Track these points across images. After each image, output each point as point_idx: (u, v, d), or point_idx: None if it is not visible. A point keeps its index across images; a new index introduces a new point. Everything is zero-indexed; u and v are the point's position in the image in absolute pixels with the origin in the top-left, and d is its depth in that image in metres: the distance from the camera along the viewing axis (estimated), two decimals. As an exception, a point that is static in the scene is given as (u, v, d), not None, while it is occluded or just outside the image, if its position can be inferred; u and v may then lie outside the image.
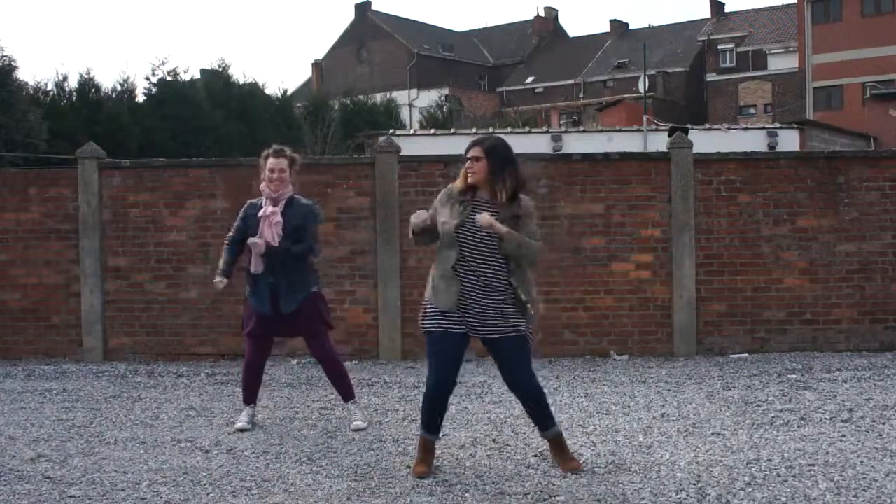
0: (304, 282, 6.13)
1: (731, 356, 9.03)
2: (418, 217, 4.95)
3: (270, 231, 6.04)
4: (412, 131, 27.78)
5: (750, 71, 53.45)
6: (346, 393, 6.33)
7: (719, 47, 56.04)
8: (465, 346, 5.00)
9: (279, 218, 6.05)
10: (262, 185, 6.15)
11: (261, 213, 6.09)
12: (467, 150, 4.93)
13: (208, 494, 4.74)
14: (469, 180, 4.89)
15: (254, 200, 6.31)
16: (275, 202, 6.10)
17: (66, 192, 9.55)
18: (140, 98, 30.10)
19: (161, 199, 9.49)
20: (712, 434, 5.82)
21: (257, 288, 6.11)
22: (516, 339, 4.92)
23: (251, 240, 6.04)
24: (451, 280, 4.86)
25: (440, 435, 5.20)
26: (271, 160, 6.11)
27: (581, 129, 26.70)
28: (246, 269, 6.21)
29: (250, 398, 6.34)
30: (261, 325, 6.17)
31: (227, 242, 6.38)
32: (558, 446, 5.09)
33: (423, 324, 5.01)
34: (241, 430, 6.12)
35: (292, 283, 6.07)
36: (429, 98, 54.45)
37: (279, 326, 6.18)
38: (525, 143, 18.04)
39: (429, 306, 4.98)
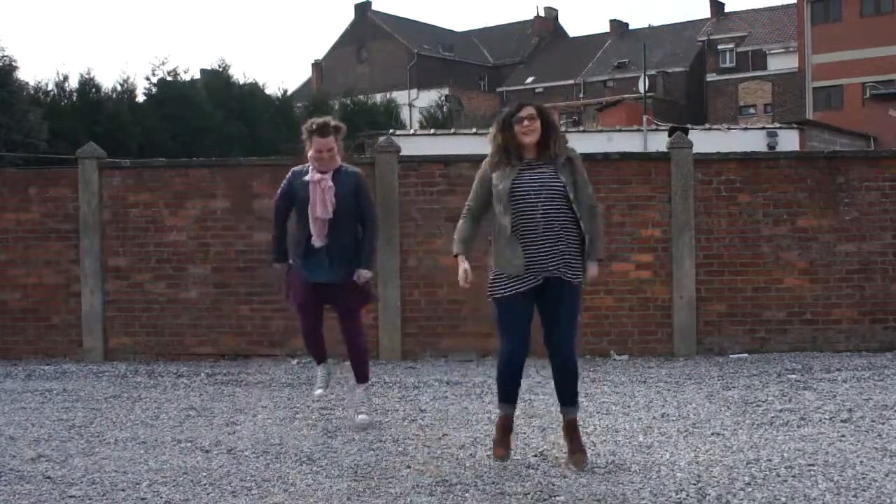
0: (353, 253, 6.10)
1: (731, 356, 9.03)
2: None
3: (323, 200, 5.91)
4: (412, 131, 27.80)
5: (750, 71, 53.45)
6: (363, 374, 6.28)
7: (719, 47, 56.04)
8: (532, 311, 5.01)
9: (330, 183, 5.93)
10: (311, 159, 5.99)
11: (308, 178, 5.95)
12: (518, 110, 4.95)
13: (208, 494, 4.75)
14: (526, 140, 4.92)
15: (296, 168, 6.19)
16: (323, 171, 5.99)
17: (66, 192, 9.55)
18: (140, 98, 30.12)
19: (161, 199, 9.50)
20: (712, 434, 5.82)
21: (311, 257, 6.01)
22: (576, 288, 4.99)
23: (362, 274, 5.99)
24: (515, 244, 4.91)
25: (516, 408, 5.18)
26: (318, 140, 5.90)
27: (581, 129, 26.70)
28: (298, 240, 6.10)
29: (320, 358, 6.38)
30: (310, 295, 6.10)
31: (275, 212, 6.20)
32: (572, 430, 5.13)
33: (492, 292, 5.04)
34: (319, 399, 6.13)
35: (343, 255, 6.02)
36: (429, 98, 54.47)
37: (326, 294, 6.11)
38: (525, 143, 18.03)
39: (496, 274, 5.00)
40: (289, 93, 38.47)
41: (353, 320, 6.22)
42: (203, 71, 34.92)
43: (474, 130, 21.72)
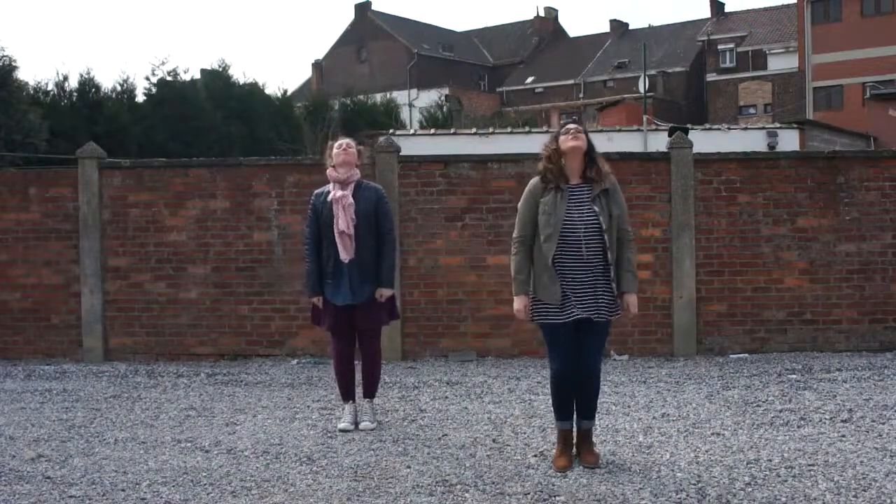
0: (375, 272, 6.14)
1: (731, 356, 9.03)
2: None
3: (345, 216, 6.02)
4: (412, 131, 27.76)
5: (750, 71, 53.43)
6: (371, 390, 6.34)
7: (719, 47, 56.02)
8: (577, 331, 5.07)
9: (351, 200, 6.05)
10: (329, 171, 6.16)
11: (331, 197, 6.08)
12: (565, 127, 5.19)
13: (208, 494, 4.75)
14: (573, 143, 5.07)
15: (318, 190, 6.30)
16: (343, 186, 6.10)
17: (66, 192, 9.55)
18: (140, 98, 30.03)
19: (161, 199, 9.50)
20: (712, 434, 5.83)
21: (335, 279, 6.07)
22: (605, 324, 5.10)
23: (382, 293, 6.07)
24: (554, 274, 5.01)
25: (573, 422, 5.21)
26: (340, 140, 6.20)
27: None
28: (326, 258, 6.14)
29: (348, 395, 6.30)
30: (341, 317, 6.14)
31: (306, 244, 6.29)
32: (586, 438, 5.19)
33: (534, 318, 5.14)
34: (344, 431, 6.07)
35: (365, 275, 6.07)
36: (429, 98, 54.35)
37: (354, 315, 6.15)
38: (525, 144, 18.06)
39: (536, 300, 5.10)
40: (289, 93, 38.36)
41: (373, 340, 6.28)
42: (203, 71, 34.78)
43: (474, 130, 21.71)
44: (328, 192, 6.15)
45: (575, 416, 5.21)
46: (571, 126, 5.18)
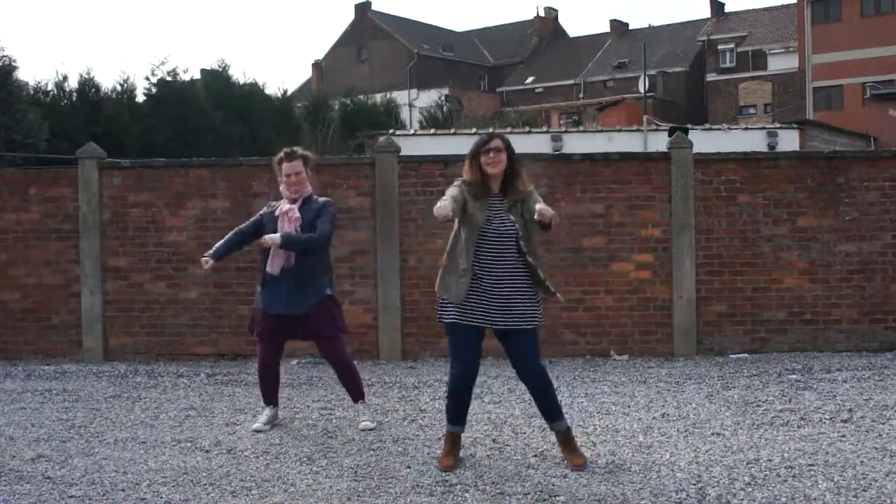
0: (317, 284, 6.05)
1: (731, 356, 9.03)
2: (447, 207, 4.91)
3: (290, 227, 6.00)
4: (412, 131, 27.76)
5: (750, 71, 53.45)
6: (356, 394, 6.33)
7: (719, 47, 56.05)
8: (482, 338, 5.12)
9: (297, 213, 6.03)
10: (282, 188, 6.17)
11: (277, 212, 6.08)
12: (488, 142, 5.06)
13: (208, 494, 4.75)
14: (492, 170, 5.02)
15: (273, 202, 6.33)
16: (293, 201, 6.11)
17: (66, 192, 9.55)
18: (140, 98, 30.02)
19: (161, 199, 9.50)
20: (712, 434, 5.83)
21: (272, 287, 6.03)
22: (529, 331, 5.05)
23: (265, 237, 5.96)
24: (462, 274, 4.99)
25: (464, 427, 5.28)
26: (286, 165, 6.11)
27: (581, 129, 26.69)
28: (259, 268, 6.18)
29: (270, 399, 6.32)
30: (271, 325, 6.10)
31: (234, 231, 6.34)
32: (566, 441, 5.16)
33: (440, 317, 5.16)
34: (257, 432, 6.08)
35: (302, 285, 5.99)
36: (429, 98, 54.37)
37: (291, 328, 6.13)
38: (525, 143, 18.06)
39: (443, 300, 5.10)
40: (289, 93, 38.32)
41: (333, 347, 6.19)
42: (203, 71, 34.76)
43: (474, 130, 21.71)
44: (278, 207, 6.17)
45: (550, 421, 5.19)
46: (492, 145, 5.03)
